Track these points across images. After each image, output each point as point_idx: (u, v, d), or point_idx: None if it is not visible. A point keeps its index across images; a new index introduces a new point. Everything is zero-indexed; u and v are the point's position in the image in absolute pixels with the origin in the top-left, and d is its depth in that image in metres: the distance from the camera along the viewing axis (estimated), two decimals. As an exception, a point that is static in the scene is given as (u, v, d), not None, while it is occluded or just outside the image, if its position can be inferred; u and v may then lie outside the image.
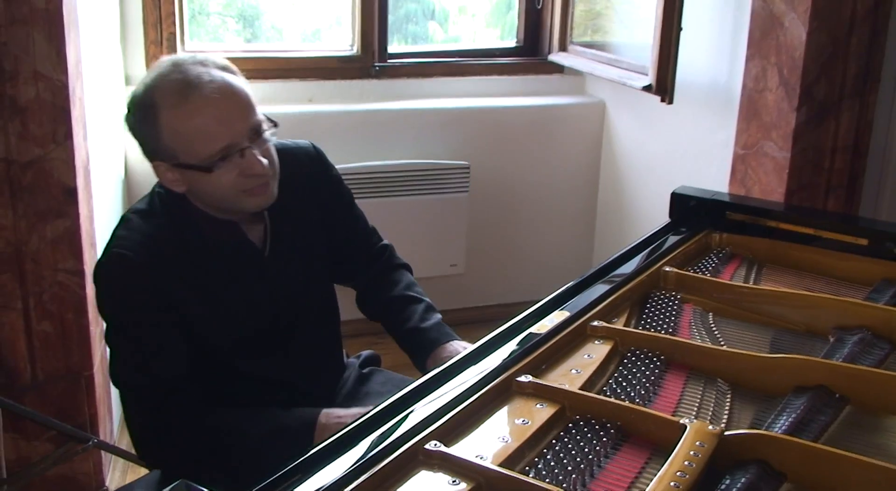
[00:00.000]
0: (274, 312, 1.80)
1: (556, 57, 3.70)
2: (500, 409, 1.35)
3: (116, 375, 1.72)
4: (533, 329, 1.54)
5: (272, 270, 1.79)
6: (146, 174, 3.41)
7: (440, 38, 3.92)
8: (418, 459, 1.21)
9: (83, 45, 2.46)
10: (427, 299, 1.97)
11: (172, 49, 3.26)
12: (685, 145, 3.40)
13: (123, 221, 1.72)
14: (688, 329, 1.67)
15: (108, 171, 2.99)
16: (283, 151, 1.78)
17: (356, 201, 2.02)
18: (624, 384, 1.45)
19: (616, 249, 4.13)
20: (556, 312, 1.60)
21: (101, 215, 2.65)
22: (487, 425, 1.31)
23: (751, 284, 1.86)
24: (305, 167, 1.87)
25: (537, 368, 1.46)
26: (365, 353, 2.08)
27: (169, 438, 1.68)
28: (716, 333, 1.67)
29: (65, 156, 2.32)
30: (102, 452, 2.57)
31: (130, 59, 3.25)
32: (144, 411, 1.69)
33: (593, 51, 3.60)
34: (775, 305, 1.73)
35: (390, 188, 3.44)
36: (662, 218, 3.72)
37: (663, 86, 3.13)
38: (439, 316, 1.92)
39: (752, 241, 2.02)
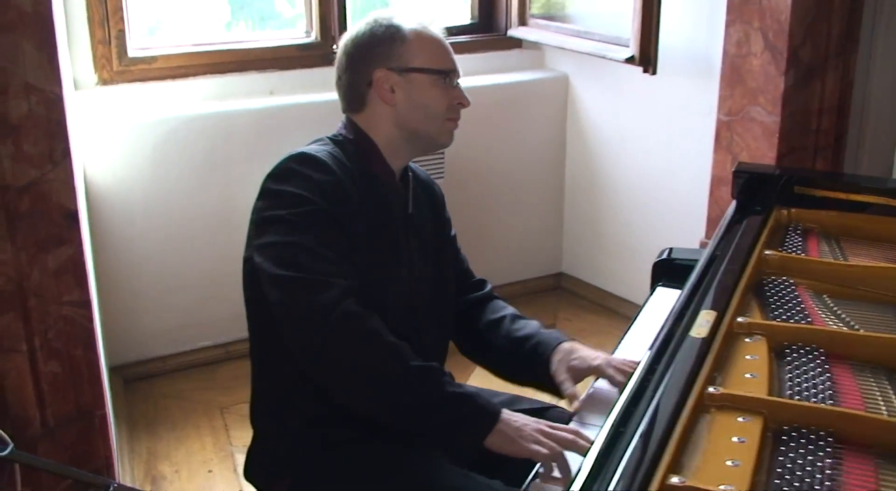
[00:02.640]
0: (407, 287, 1.73)
1: (517, 31, 3.59)
2: (709, 426, 1.26)
3: (286, 267, 1.58)
4: (693, 333, 1.44)
5: (414, 232, 1.78)
6: (105, 187, 3.16)
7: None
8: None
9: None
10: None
11: (122, 48, 2.98)
12: (661, 116, 3.36)
13: (295, 156, 1.67)
14: (818, 315, 1.61)
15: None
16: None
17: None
18: (805, 385, 1.38)
19: (586, 226, 4.07)
20: (703, 312, 1.50)
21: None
22: (708, 447, 1.21)
23: (841, 260, 1.82)
24: (426, 179, 1.93)
25: (712, 376, 1.37)
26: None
27: (343, 338, 1.53)
28: (843, 316, 1.61)
29: (64, 176, 2.06)
30: (120, 496, 2.35)
31: (78, 61, 2.96)
32: (324, 314, 1.53)
33: (557, 24, 3.51)
34: (887, 280, 1.68)
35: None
36: (639, 192, 3.73)
37: (646, 57, 3.07)
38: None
39: (820, 215, 1.98)
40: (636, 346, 1.86)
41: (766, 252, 1.78)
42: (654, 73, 3.09)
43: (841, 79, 3.04)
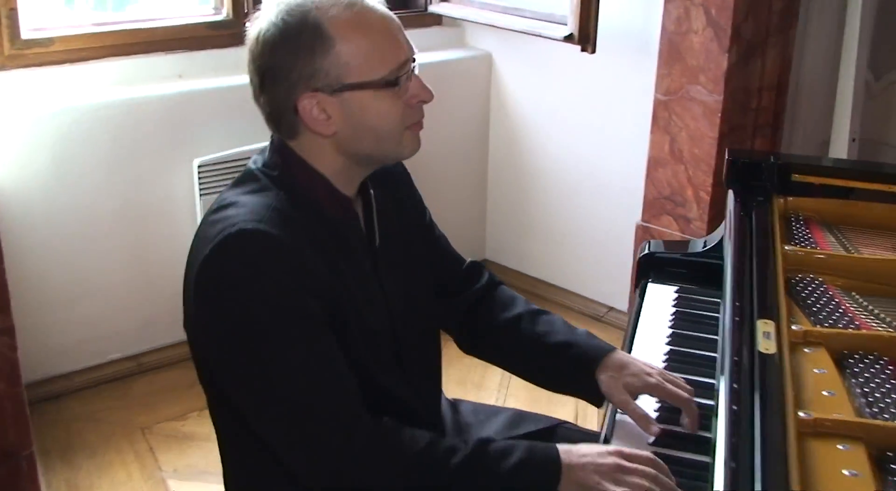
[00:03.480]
0: (387, 313, 1.48)
1: (438, 7, 3.39)
2: (815, 458, 1.12)
3: (276, 401, 1.31)
4: (761, 349, 1.30)
5: (384, 261, 1.49)
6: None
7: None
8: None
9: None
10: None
11: (14, 29, 2.63)
12: (595, 96, 3.24)
13: (224, 207, 1.36)
14: (859, 316, 1.51)
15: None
16: None
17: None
18: (883, 399, 1.26)
19: (511, 211, 3.90)
20: (760, 323, 1.37)
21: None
22: (828, 485, 1.08)
23: (853, 252, 1.73)
24: (394, 167, 1.61)
25: (797, 399, 1.24)
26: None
27: (366, 472, 1.32)
28: (881, 315, 1.52)
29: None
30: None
31: (-38, 45, 2.59)
32: (338, 447, 1.31)
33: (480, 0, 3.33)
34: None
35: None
36: (569, 175, 3.58)
37: (585, 35, 2.93)
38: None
39: (819, 203, 1.88)
40: (653, 349, 1.72)
41: (786, 248, 1.67)
42: (593, 51, 2.96)
43: (780, 55, 2.98)
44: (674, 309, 1.86)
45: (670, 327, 1.79)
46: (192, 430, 2.78)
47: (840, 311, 1.51)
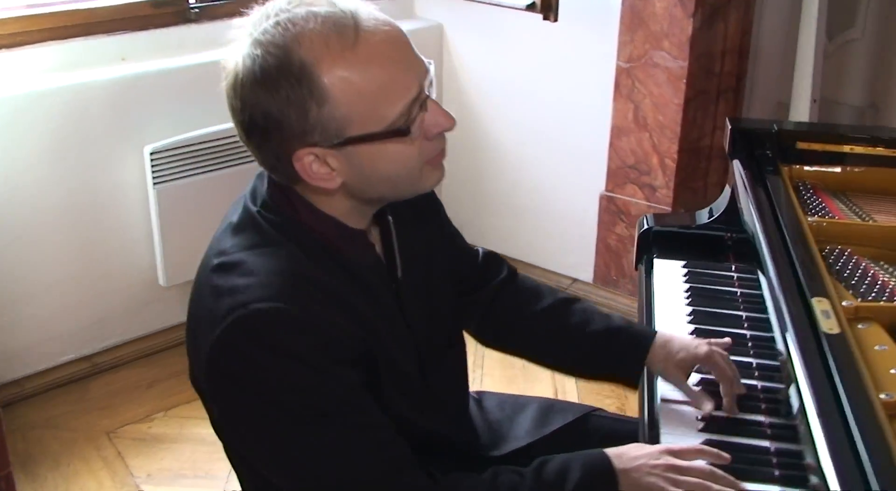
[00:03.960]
0: (414, 350, 1.35)
1: (389, -22, 3.27)
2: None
3: (315, 482, 1.19)
4: (825, 329, 1.25)
5: (407, 291, 1.34)
6: None
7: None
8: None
9: None
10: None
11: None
12: (553, 65, 3.16)
13: (228, 269, 1.18)
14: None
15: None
16: None
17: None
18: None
19: (468, 186, 3.79)
20: (815, 300, 1.32)
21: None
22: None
23: (867, 220, 1.71)
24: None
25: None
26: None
27: None
28: (914, 284, 1.49)
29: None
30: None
31: None
32: None
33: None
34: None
35: (234, 157, 2.87)
36: (527, 148, 3.48)
37: (548, 3, 2.86)
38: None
39: (821, 171, 1.86)
40: (675, 330, 1.66)
41: (810, 220, 1.63)
42: (555, 20, 2.89)
43: (742, 19, 2.95)
44: (687, 285, 1.81)
45: (689, 305, 1.74)
46: (160, 431, 2.64)
47: (880, 283, 1.47)
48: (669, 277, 1.87)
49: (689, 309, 1.73)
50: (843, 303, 1.36)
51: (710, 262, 1.89)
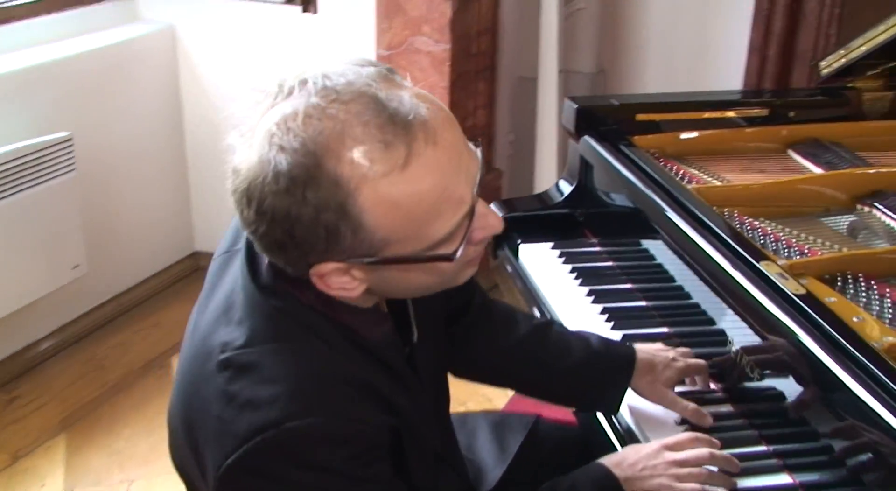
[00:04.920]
0: (435, 421, 1.25)
1: (111, -21, 2.96)
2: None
3: None
4: (792, 291, 1.31)
5: (421, 354, 1.22)
6: None
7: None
8: None
9: None
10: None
11: None
12: (315, 58, 3.04)
13: (240, 371, 1.01)
14: (790, 241, 1.58)
15: None
16: None
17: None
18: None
19: (218, 196, 3.68)
20: (765, 265, 1.38)
21: None
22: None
23: (720, 181, 1.81)
24: None
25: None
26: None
27: None
28: (809, 236, 1.59)
29: None
30: None
31: None
32: None
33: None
34: (799, 193, 1.71)
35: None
36: None
37: (308, -5, 2.74)
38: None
39: (659, 139, 1.94)
40: (582, 313, 1.67)
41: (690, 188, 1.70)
42: (315, 12, 2.79)
43: (493, -1, 3.02)
44: (569, 265, 1.83)
45: (583, 285, 1.76)
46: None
47: (783, 241, 1.57)
48: (541, 260, 1.88)
49: (586, 289, 1.75)
50: (779, 262, 1.43)
51: (576, 238, 1.93)
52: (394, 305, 1.18)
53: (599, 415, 1.47)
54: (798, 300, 1.30)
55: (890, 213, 1.63)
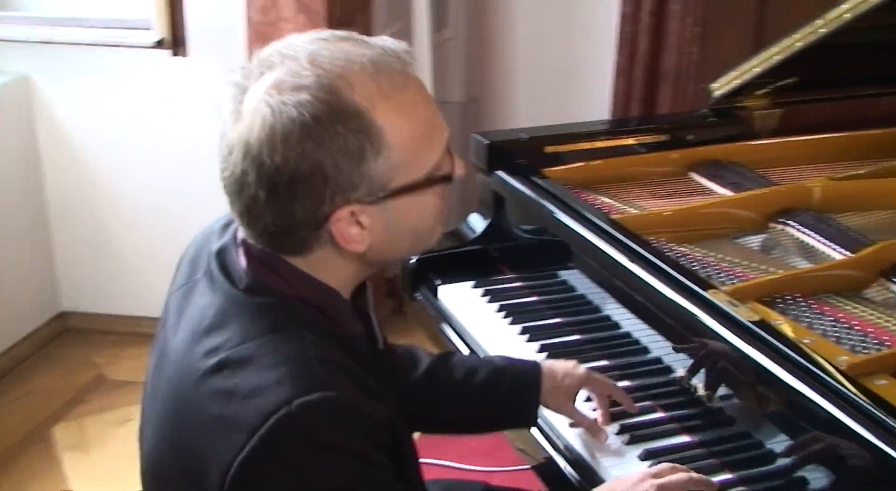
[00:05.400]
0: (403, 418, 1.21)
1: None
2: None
3: None
4: (745, 319, 1.32)
5: (386, 360, 1.25)
6: None
7: None
8: None
9: None
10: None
11: None
12: (186, 101, 2.92)
13: (233, 367, 1.00)
14: (721, 266, 1.60)
15: None
16: None
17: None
18: (843, 333, 1.38)
19: (82, 250, 3.53)
20: (710, 294, 1.39)
21: None
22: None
23: (633, 210, 1.82)
24: None
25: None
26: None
27: None
28: (733, 259, 1.62)
29: None
30: None
31: None
32: None
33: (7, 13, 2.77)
34: (714, 216, 1.74)
35: None
36: (148, 196, 3.08)
37: (178, 38, 2.63)
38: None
39: (570, 170, 1.93)
40: (515, 350, 1.65)
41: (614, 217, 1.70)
42: (185, 54, 2.67)
43: (365, 31, 2.95)
44: (495, 304, 1.80)
45: (514, 324, 1.73)
46: None
47: (711, 266, 1.59)
48: (465, 300, 1.85)
49: (518, 327, 1.72)
50: (723, 288, 1.44)
51: (496, 276, 1.90)
52: (358, 312, 1.16)
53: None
54: (754, 327, 1.31)
55: (805, 230, 1.68)
